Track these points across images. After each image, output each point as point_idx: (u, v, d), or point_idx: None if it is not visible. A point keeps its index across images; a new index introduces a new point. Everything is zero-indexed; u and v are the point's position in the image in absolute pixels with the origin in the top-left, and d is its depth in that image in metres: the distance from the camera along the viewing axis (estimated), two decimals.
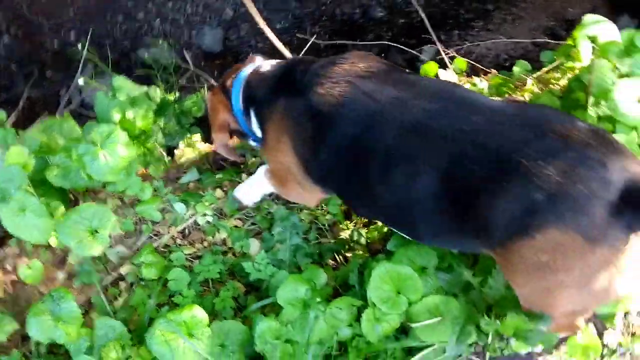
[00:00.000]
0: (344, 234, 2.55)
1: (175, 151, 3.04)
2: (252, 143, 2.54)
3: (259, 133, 2.37)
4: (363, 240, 2.50)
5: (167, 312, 2.11)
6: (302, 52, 3.80)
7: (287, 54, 3.18)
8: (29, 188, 2.44)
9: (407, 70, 2.18)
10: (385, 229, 2.51)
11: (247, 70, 2.38)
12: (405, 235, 2.18)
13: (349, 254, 2.49)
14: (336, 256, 2.49)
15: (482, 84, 2.95)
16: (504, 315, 2.01)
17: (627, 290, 1.69)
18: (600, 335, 2.21)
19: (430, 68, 2.94)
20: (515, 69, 2.91)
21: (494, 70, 3.11)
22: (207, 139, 3.01)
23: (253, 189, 2.58)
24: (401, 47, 3.86)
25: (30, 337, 2.35)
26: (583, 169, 1.58)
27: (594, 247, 1.57)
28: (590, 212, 1.55)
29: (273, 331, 2.09)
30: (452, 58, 3.19)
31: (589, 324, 2.19)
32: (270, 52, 3.34)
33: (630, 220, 1.55)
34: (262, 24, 3.14)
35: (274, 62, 2.40)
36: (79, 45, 3.49)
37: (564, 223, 1.58)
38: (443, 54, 3.25)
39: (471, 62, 3.17)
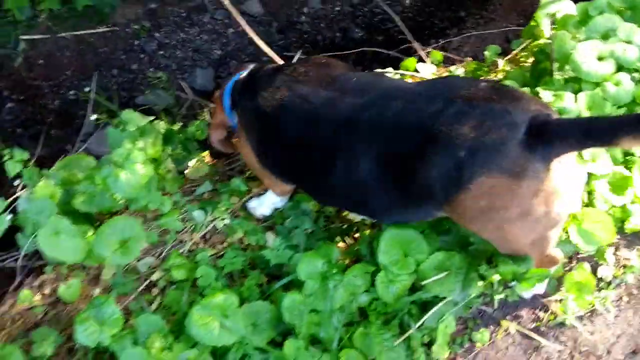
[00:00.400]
0: (352, 216, 2.76)
1: (186, 171, 3.27)
2: None
3: None
4: (369, 221, 2.72)
5: (201, 300, 2.31)
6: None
7: (278, 59, 3.44)
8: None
9: (346, 67, 2.46)
10: None
11: (236, 76, 2.66)
12: (367, 218, 2.44)
13: (357, 235, 2.70)
14: (346, 239, 2.71)
15: (458, 70, 3.21)
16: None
17: (567, 209, 1.94)
18: (595, 270, 2.42)
19: (410, 63, 3.20)
20: (487, 53, 3.18)
21: (468, 58, 3.38)
22: (214, 155, 3.26)
23: (264, 203, 2.85)
24: (385, 51, 4.09)
25: (75, 349, 2.58)
26: (491, 120, 1.82)
27: (520, 182, 1.80)
28: (507, 153, 1.79)
29: (298, 303, 2.30)
30: (429, 54, 3.46)
31: (584, 263, 2.41)
32: None
33: (544, 151, 1.79)
34: (253, 34, 3.39)
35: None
36: (86, 89, 3.76)
37: (488, 169, 1.82)
38: (420, 51, 3.51)
39: (448, 54, 3.45)
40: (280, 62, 3.45)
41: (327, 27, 5.07)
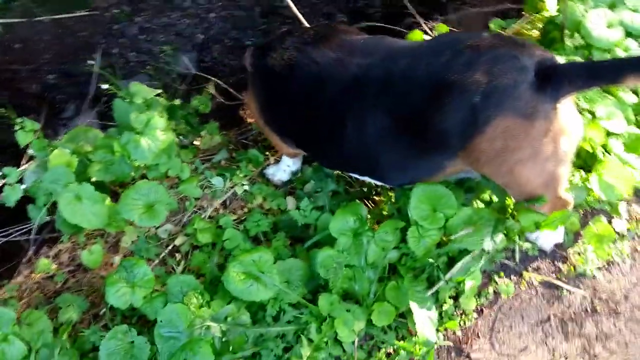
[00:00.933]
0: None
1: (195, 142, 3.27)
2: None
3: None
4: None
5: (237, 256, 2.33)
6: None
7: (304, 22, 3.51)
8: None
9: (352, 30, 2.53)
10: None
11: None
12: (373, 181, 2.52)
13: (376, 198, 2.77)
14: (366, 202, 2.77)
15: None
16: None
17: (572, 147, 2.05)
18: (610, 223, 2.53)
19: (416, 36, 3.28)
20: (491, 25, 3.29)
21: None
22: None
23: (281, 167, 2.90)
24: (389, 26, 4.14)
25: (101, 315, 2.57)
26: (500, 65, 1.92)
27: (533, 122, 1.91)
28: (519, 95, 1.89)
29: (332, 258, 2.35)
30: (431, 29, 3.56)
31: (600, 216, 2.52)
32: None
33: (552, 92, 1.90)
34: None
35: None
36: (90, 62, 3.74)
37: (503, 111, 1.92)
38: (424, 25, 3.61)
39: (452, 29, 3.55)
40: (306, 23, 3.52)
41: (311, 12, 5.09)
